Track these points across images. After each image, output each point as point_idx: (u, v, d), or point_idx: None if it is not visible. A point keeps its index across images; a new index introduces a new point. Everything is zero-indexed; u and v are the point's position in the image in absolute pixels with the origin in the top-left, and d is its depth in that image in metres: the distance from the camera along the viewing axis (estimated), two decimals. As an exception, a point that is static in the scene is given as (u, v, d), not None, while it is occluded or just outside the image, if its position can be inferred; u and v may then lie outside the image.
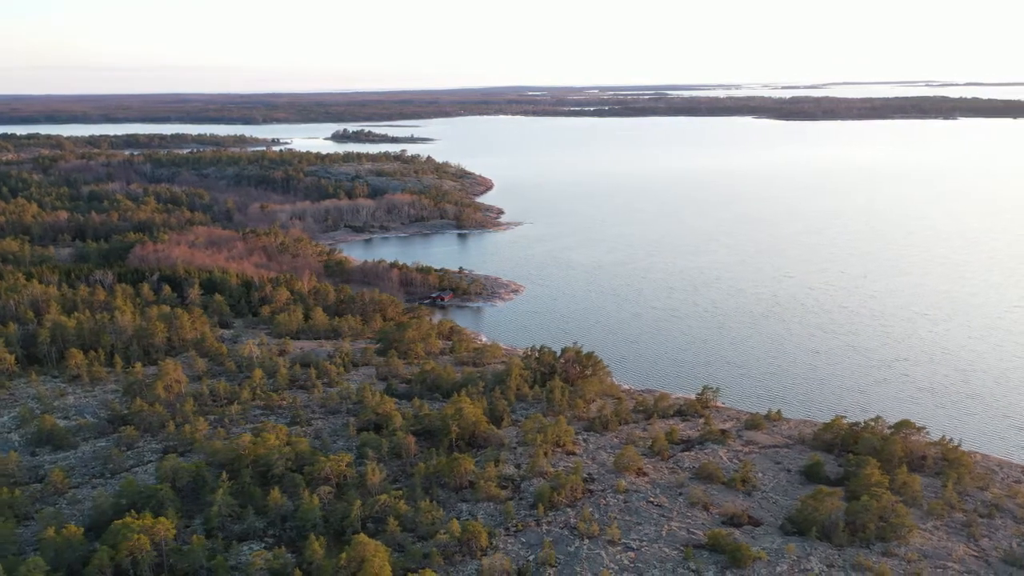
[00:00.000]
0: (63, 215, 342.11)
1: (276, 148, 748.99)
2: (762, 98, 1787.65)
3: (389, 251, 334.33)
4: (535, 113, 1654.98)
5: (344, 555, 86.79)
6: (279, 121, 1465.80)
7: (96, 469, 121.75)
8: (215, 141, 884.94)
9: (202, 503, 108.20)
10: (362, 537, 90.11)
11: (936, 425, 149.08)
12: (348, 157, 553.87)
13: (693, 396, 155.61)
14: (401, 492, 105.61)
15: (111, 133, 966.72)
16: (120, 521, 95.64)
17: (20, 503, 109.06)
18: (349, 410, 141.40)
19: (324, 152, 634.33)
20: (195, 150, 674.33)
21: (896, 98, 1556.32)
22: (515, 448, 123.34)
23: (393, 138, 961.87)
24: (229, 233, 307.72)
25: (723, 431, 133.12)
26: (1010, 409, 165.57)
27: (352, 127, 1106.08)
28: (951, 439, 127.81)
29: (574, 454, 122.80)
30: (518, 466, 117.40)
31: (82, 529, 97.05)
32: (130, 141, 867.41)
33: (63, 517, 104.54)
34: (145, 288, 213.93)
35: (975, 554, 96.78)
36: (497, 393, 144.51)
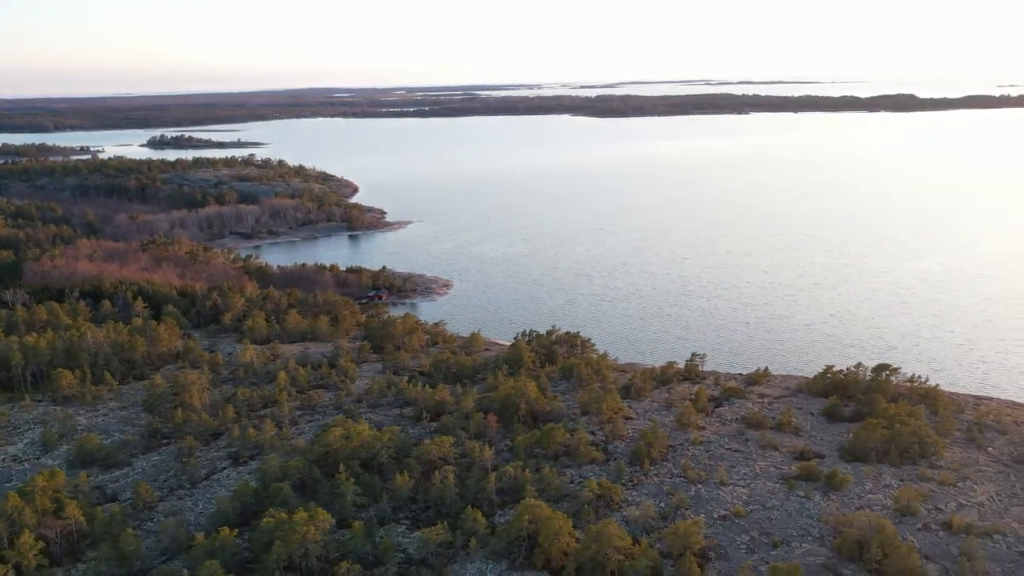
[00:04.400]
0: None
1: (103, 156, 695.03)
2: (572, 97, 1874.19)
3: (286, 255, 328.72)
4: (354, 115, 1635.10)
5: (526, 516, 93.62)
6: (73, 128, 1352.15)
7: (170, 482, 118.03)
8: (14, 151, 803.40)
9: (313, 497, 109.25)
10: (530, 500, 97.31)
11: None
12: (200, 163, 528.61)
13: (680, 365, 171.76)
14: (521, 463, 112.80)
15: None
16: (272, 519, 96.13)
17: (119, 520, 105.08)
18: (391, 402, 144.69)
19: (152, 159, 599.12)
20: (10, 161, 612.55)
21: (692, 95, 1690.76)
22: (580, 418, 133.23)
23: (219, 143, 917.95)
24: (122, 245, 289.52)
25: (737, 388, 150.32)
26: (922, 355, 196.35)
27: (169, 132, 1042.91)
28: (919, 376, 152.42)
29: (631, 419, 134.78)
30: (593, 433, 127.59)
31: (236, 531, 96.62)
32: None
33: (186, 525, 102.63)
34: (81, 305, 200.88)
35: (993, 459, 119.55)
36: (523, 374, 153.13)
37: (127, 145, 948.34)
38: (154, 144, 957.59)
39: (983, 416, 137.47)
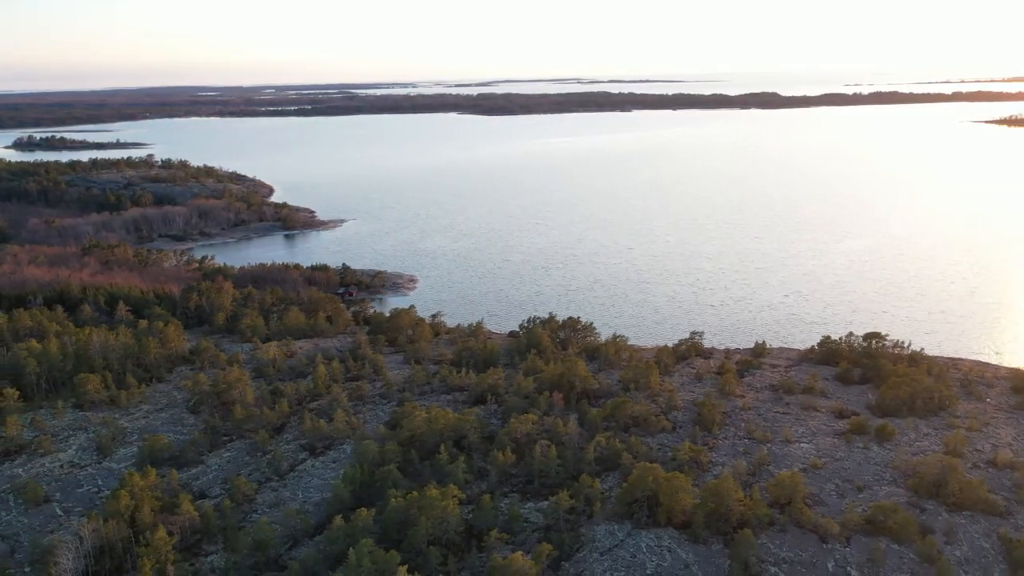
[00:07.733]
0: None
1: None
2: (455, 95, 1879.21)
3: (225, 256, 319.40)
4: (231, 114, 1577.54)
5: (649, 477, 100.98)
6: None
7: (256, 475, 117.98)
8: None
9: (416, 478, 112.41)
10: (644, 464, 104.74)
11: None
12: (100, 164, 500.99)
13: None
14: (608, 434, 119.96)
15: None
16: (401, 499, 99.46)
17: (229, 513, 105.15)
18: (436, 388, 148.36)
19: (45, 160, 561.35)
20: None
21: (574, 93, 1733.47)
22: (630, 393, 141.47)
23: (96, 144, 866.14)
24: (60, 250, 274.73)
25: (750, 360, 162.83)
26: (878, 328, 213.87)
27: (37, 133, 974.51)
28: (902, 341, 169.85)
29: (673, 391, 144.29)
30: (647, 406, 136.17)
31: (373, 511, 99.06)
32: None
33: (306, 514, 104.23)
34: (59, 310, 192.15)
35: (997, 408, 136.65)
36: (550, 356, 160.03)
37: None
38: (21, 146, 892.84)
39: (968, 374, 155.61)
